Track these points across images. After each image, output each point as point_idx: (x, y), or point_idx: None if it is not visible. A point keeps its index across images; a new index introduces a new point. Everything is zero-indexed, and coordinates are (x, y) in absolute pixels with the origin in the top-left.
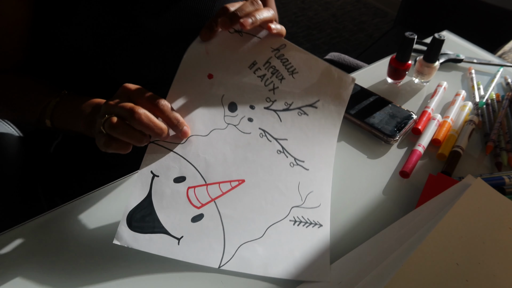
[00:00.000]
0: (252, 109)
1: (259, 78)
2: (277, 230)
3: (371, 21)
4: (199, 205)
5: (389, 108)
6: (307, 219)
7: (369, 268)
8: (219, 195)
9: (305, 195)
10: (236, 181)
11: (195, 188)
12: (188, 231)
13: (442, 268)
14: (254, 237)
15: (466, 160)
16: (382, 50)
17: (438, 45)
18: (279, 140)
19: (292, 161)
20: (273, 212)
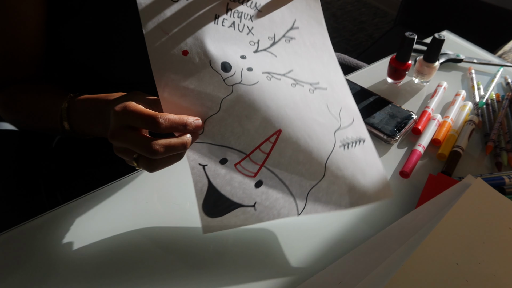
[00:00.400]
0: (244, 59)
1: (230, 28)
2: (333, 162)
3: (371, 21)
4: (252, 174)
5: (389, 108)
6: (351, 138)
7: (369, 268)
8: (265, 159)
9: (338, 115)
10: (273, 135)
11: (240, 163)
12: (257, 196)
13: (442, 268)
14: (317, 179)
15: (466, 160)
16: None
17: (438, 45)
18: (286, 74)
19: (310, 87)
20: (322, 146)
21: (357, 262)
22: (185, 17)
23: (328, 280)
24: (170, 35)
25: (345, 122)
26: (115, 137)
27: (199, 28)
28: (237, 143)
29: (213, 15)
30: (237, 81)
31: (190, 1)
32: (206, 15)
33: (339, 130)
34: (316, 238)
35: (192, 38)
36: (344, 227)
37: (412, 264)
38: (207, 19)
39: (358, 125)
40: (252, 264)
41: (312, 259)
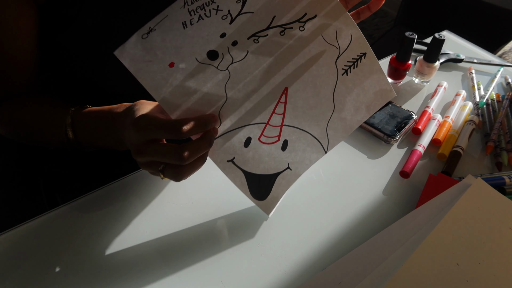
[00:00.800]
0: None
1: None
2: (339, 92)
3: (371, 21)
4: (276, 139)
5: (389, 108)
6: (352, 59)
7: (369, 268)
8: (282, 119)
9: (335, 40)
10: (282, 95)
11: (262, 134)
12: (287, 157)
13: (442, 268)
14: (330, 113)
15: (466, 160)
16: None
17: (438, 45)
18: (270, 26)
19: (299, 25)
20: (326, 81)
21: (357, 262)
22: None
23: (328, 280)
24: (154, 60)
25: (344, 44)
26: (142, 153)
27: (174, 41)
28: (254, 117)
29: (180, 24)
30: (229, 62)
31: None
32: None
33: (340, 57)
34: (316, 238)
35: (172, 50)
36: (344, 227)
37: (412, 264)
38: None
39: (357, 39)
40: (252, 264)
41: (312, 259)
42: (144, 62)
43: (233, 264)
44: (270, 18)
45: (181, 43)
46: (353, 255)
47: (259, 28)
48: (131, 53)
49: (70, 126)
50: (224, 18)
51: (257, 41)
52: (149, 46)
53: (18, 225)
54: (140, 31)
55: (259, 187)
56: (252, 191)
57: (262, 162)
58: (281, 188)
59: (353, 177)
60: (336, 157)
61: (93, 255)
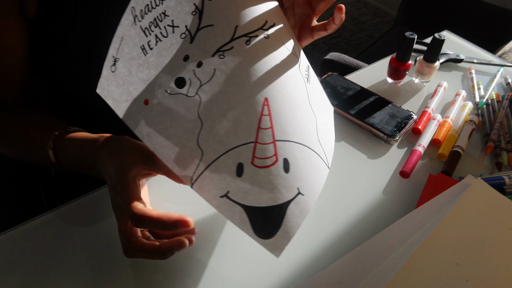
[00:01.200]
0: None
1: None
2: (311, 98)
3: (371, 21)
4: (274, 159)
5: (389, 108)
6: (305, 69)
7: (369, 268)
8: (272, 135)
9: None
10: (263, 108)
11: (255, 156)
12: (294, 180)
13: (442, 268)
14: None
15: (466, 160)
16: (382, 50)
17: (438, 45)
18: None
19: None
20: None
21: (357, 262)
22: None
23: (328, 280)
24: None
25: (298, 53)
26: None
27: (140, 72)
28: (238, 138)
29: (140, 49)
30: (197, 86)
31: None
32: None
33: (300, 65)
34: (316, 238)
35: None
36: (344, 227)
37: (412, 264)
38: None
39: (302, 53)
40: (252, 264)
41: (312, 259)
42: (124, 103)
43: (233, 264)
44: (233, 28)
45: (147, 75)
46: (353, 255)
47: (223, 42)
48: (110, 91)
49: (52, 151)
50: (183, 37)
51: (222, 56)
52: (121, 82)
53: (17, 225)
54: (107, 62)
55: (265, 222)
56: (256, 228)
57: (265, 192)
58: (295, 219)
59: (353, 177)
60: (336, 157)
61: (93, 255)
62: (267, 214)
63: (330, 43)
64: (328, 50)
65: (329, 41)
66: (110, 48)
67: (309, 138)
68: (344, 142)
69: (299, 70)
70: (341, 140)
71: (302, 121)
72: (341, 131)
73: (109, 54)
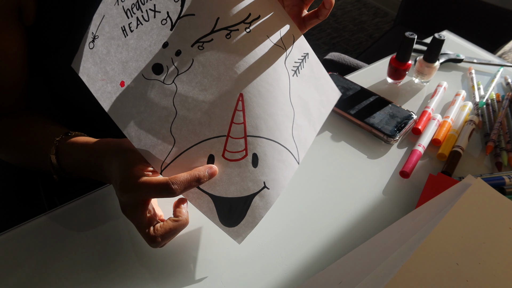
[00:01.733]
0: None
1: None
2: (294, 94)
3: (371, 21)
4: (243, 153)
5: (389, 108)
6: (298, 59)
7: (369, 268)
8: (244, 130)
9: (281, 41)
10: (238, 103)
11: (226, 149)
12: (261, 174)
13: (442, 268)
14: (291, 118)
15: (466, 160)
16: (382, 50)
17: (438, 45)
18: (214, 30)
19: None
20: (281, 84)
21: (357, 262)
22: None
23: (328, 280)
24: (106, 79)
25: (289, 44)
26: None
27: (119, 53)
28: (211, 130)
29: (120, 30)
30: (174, 75)
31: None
32: (115, 35)
33: (287, 58)
34: (316, 238)
35: (120, 66)
36: (344, 227)
37: (412, 264)
38: (119, 39)
39: (300, 40)
40: (252, 264)
41: (312, 259)
42: (99, 81)
43: (233, 264)
44: (214, 20)
45: (126, 57)
46: (353, 255)
47: (203, 33)
48: (86, 67)
49: (54, 155)
50: (164, 23)
51: (202, 48)
52: (98, 60)
53: (17, 225)
54: (86, 38)
55: (231, 212)
56: (222, 217)
57: (232, 184)
58: (258, 211)
59: (353, 177)
60: (336, 157)
61: (92, 255)
62: (233, 204)
63: (330, 43)
64: (328, 50)
65: (329, 41)
66: (91, 25)
67: (281, 134)
68: (344, 142)
69: (284, 63)
70: (341, 140)
71: (276, 117)
72: (341, 131)
73: (89, 30)
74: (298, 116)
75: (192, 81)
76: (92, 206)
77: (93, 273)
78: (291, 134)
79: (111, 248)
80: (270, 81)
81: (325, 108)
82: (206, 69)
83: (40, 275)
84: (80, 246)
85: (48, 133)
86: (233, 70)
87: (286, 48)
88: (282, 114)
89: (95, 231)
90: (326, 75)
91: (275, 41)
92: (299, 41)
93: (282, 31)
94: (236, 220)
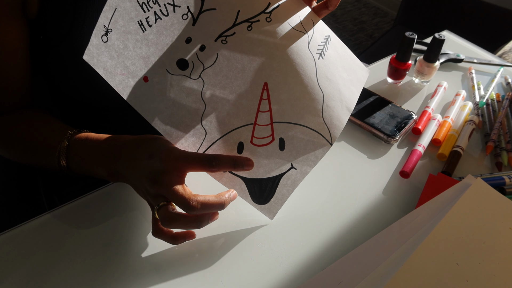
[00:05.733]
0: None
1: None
2: (322, 77)
3: (371, 21)
4: (270, 139)
5: (389, 108)
6: (321, 42)
7: (369, 268)
8: (270, 117)
9: (302, 26)
10: (263, 92)
11: (253, 136)
12: (288, 156)
13: (442, 268)
14: (320, 101)
15: (466, 160)
16: (382, 50)
17: (438, 45)
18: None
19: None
20: (307, 69)
21: (357, 262)
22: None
23: (328, 280)
24: (127, 73)
25: (309, 28)
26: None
27: (138, 48)
28: (239, 120)
29: (137, 24)
30: (200, 69)
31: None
32: (131, 29)
33: (310, 42)
34: (316, 238)
35: (141, 61)
36: (344, 227)
37: (412, 264)
38: (137, 33)
39: (319, 24)
40: (252, 264)
41: (312, 259)
42: (119, 76)
43: (233, 264)
44: (235, 13)
45: (147, 53)
46: (353, 255)
47: (225, 27)
48: (101, 61)
49: (65, 149)
50: (185, 18)
51: (225, 42)
52: (115, 54)
53: (17, 225)
54: (96, 31)
55: (261, 191)
56: (254, 195)
57: (261, 166)
58: (286, 189)
59: (353, 177)
60: (336, 157)
61: (92, 255)
62: (263, 184)
63: None
64: None
65: None
66: (101, 17)
67: (310, 118)
68: (344, 142)
69: (307, 47)
70: (341, 140)
71: (304, 100)
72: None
73: (99, 22)
74: (328, 98)
75: (218, 75)
76: (92, 206)
77: (93, 273)
78: (321, 116)
79: (111, 248)
80: (295, 67)
81: (355, 87)
82: (231, 63)
83: (40, 275)
84: (80, 246)
85: (58, 128)
86: (256, 60)
87: (307, 32)
88: (309, 98)
89: (95, 231)
90: (352, 55)
91: (296, 27)
92: (318, 24)
93: (301, 16)
94: (266, 198)
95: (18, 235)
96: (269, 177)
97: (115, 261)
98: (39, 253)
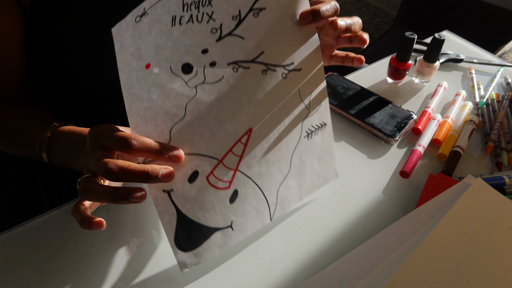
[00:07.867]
0: (206, 53)
1: (189, 23)
2: (297, 154)
3: (371, 21)
4: (227, 185)
5: (389, 108)
6: (316, 124)
7: (369, 268)
8: (238, 162)
9: (309, 100)
10: (244, 135)
11: (213, 172)
12: (233, 213)
13: (442, 268)
14: (284, 174)
15: (466, 160)
16: (382, 50)
17: (438, 45)
18: (256, 59)
19: (282, 71)
20: (289, 140)
21: (357, 262)
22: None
23: (328, 280)
24: (136, 55)
25: (314, 108)
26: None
27: (158, 38)
28: (208, 148)
29: (170, 18)
30: (199, 82)
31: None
32: (163, 20)
33: (307, 118)
34: (316, 238)
35: (154, 49)
36: (344, 227)
37: (412, 264)
38: (165, 25)
39: (324, 109)
40: (252, 264)
41: (312, 259)
42: (128, 54)
43: (233, 264)
44: (259, 52)
45: (163, 44)
46: (353, 255)
47: (244, 58)
48: (123, 37)
49: (47, 140)
50: (213, 32)
51: (236, 70)
52: (137, 34)
53: (17, 225)
54: (135, 10)
55: (188, 236)
56: (178, 237)
57: (202, 209)
58: (214, 247)
59: (353, 177)
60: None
61: (92, 255)
62: (194, 229)
63: None
64: None
65: None
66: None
67: (268, 185)
68: (344, 142)
69: (301, 122)
70: (341, 140)
71: (272, 166)
72: (341, 131)
73: (141, 5)
74: (291, 176)
75: (213, 95)
76: None
77: (93, 273)
78: (277, 189)
79: (111, 248)
80: (282, 132)
81: (319, 181)
82: (231, 91)
83: (40, 275)
84: (80, 246)
85: (44, 120)
86: (254, 104)
87: (309, 110)
88: (278, 166)
89: (95, 231)
90: (333, 152)
91: (303, 98)
92: (323, 107)
93: (313, 93)
94: (189, 246)
95: (18, 235)
96: (204, 225)
97: (115, 261)
98: (39, 253)
